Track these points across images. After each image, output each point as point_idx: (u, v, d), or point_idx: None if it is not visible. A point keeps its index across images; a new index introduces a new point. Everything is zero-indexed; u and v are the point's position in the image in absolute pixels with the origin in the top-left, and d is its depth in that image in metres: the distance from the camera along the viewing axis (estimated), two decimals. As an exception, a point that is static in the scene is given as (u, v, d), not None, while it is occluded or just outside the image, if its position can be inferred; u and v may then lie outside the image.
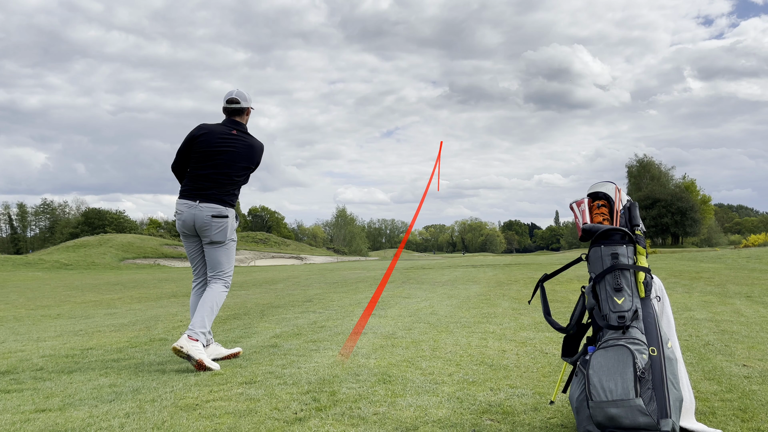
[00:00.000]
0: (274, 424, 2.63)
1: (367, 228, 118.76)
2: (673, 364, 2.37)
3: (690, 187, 68.53)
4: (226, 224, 4.14)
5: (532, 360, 3.87)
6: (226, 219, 4.13)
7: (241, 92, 4.28)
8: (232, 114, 4.27)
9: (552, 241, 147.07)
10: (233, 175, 4.16)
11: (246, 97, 4.30)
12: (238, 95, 4.26)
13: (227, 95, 4.27)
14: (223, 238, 4.14)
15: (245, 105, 4.28)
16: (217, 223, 4.11)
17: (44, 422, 2.72)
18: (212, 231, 4.10)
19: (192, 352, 3.74)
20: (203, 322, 3.93)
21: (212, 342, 4.14)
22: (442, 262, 23.33)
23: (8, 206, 75.50)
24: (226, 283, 4.21)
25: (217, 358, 4.09)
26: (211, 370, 3.73)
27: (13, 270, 27.14)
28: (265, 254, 49.32)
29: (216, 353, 4.11)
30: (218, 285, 4.14)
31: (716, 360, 3.76)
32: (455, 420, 2.65)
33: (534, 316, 5.90)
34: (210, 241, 4.14)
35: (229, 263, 4.24)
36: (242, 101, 4.27)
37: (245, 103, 4.28)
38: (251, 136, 4.30)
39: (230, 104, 4.25)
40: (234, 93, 4.26)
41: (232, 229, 4.20)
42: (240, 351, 4.25)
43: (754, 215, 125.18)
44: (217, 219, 4.11)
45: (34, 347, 4.90)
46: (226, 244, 4.18)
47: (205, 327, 3.92)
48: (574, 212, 2.74)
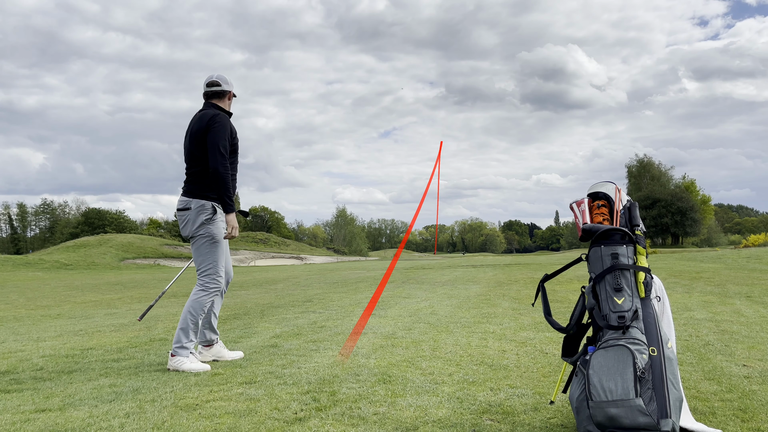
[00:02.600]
0: (274, 424, 2.63)
1: (367, 228, 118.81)
2: (673, 364, 2.37)
3: (690, 187, 68.56)
4: (187, 217, 3.91)
5: (532, 360, 3.87)
6: (188, 211, 3.91)
7: (221, 75, 4.10)
8: (210, 97, 4.09)
9: (552, 241, 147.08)
10: (194, 152, 3.92)
11: (226, 80, 4.11)
12: (218, 78, 4.08)
13: (207, 79, 4.10)
14: (188, 232, 3.93)
15: (225, 88, 4.09)
16: (180, 217, 3.95)
17: (44, 422, 2.72)
18: (180, 227, 3.99)
19: (179, 367, 3.77)
20: (179, 337, 3.83)
21: (216, 341, 4.10)
22: (442, 262, 23.33)
23: (8, 206, 75.54)
24: (202, 284, 3.93)
25: (218, 359, 4.07)
26: (209, 370, 3.75)
27: (13, 270, 27.14)
28: (265, 254, 49.31)
29: (218, 355, 4.09)
30: (195, 288, 3.95)
31: (716, 360, 3.76)
32: (455, 420, 2.65)
33: (534, 316, 5.90)
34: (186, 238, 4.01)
35: (204, 261, 3.92)
36: (222, 84, 4.08)
37: (225, 86, 4.09)
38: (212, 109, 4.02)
39: (209, 87, 4.08)
40: (214, 76, 4.09)
41: (196, 223, 3.89)
42: (241, 355, 4.19)
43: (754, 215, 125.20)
44: (180, 212, 3.95)
45: (34, 347, 4.90)
46: (195, 240, 3.92)
47: (180, 342, 3.81)
48: (574, 212, 2.74)
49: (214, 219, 3.90)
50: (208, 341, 4.09)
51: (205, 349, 4.10)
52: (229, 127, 3.99)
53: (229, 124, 4.01)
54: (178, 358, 3.80)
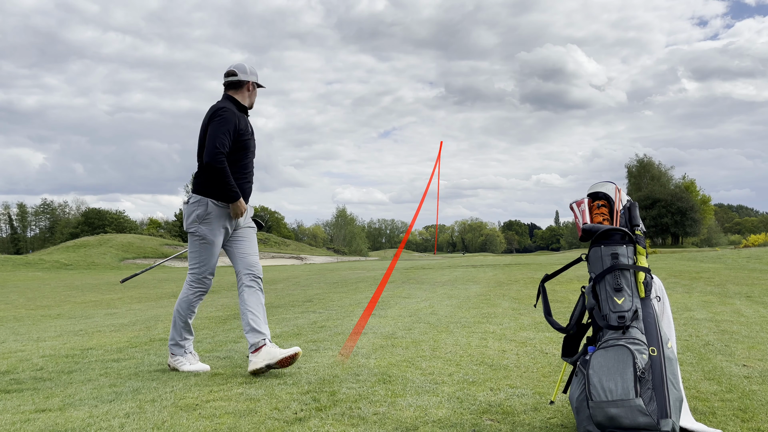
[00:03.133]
0: (274, 424, 2.63)
1: (367, 228, 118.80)
2: (673, 364, 2.37)
3: (690, 187, 68.55)
4: (185, 211, 3.79)
5: (532, 360, 3.86)
6: (186, 205, 3.78)
7: (240, 64, 3.81)
8: (227, 88, 3.83)
9: (552, 241, 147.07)
10: (201, 146, 3.74)
11: (246, 69, 3.80)
12: (236, 67, 3.80)
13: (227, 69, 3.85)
14: (185, 227, 3.78)
15: (243, 78, 3.80)
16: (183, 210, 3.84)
17: (44, 422, 2.72)
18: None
19: (179, 367, 3.75)
20: (172, 335, 3.80)
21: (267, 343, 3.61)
22: (442, 262, 23.32)
23: (8, 206, 75.55)
24: (188, 281, 3.80)
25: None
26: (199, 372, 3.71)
27: (13, 270, 27.14)
28: (265, 254, 49.32)
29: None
30: (184, 285, 3.84)
31: (716, 360, 3.76)
32: (455, 420, 2.65)
33: (534, 316, 5.90)
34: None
35: (192, 259, 3.78)
36: (240, 73, 3.79)
37: (243, 76, 3.79)
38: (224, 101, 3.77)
39: (225, 77, 3.83)
40: (232, 65, 3.82)
41: (189, 218, 3.73)
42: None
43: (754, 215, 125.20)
44: (183, 206, 3.84)
45: (34, 347, 4.89)
46: (189, 236, 3.79)
47: (174, 339, 3.78)
48: (574, 212, 2.74)
49: (207, 218, 3.68)
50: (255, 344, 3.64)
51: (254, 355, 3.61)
52: (235, 122, 3.67)
53: (236, 118, 3.70)
54: (176, 357, 3.78)
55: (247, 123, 3.85)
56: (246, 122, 3.83)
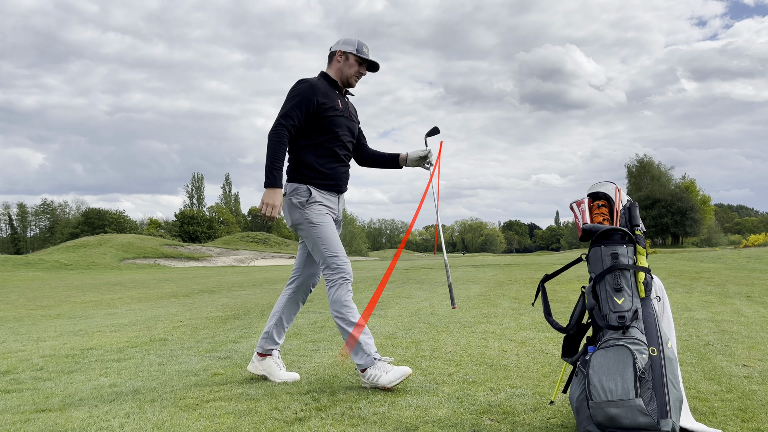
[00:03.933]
0: (274, 424, 2.63)
1: (367, 228, 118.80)
2: (673, 364, 2.37)
3: (690, 187, 68.58)
4: (284, 204, 3.39)
5: (532, 360, 3.86)
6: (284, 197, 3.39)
7: (343, 38, 3.50)
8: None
9: (552, 241, 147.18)
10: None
11: (341, 40, 3.48)
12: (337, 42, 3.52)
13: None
14: (289, 223, 3.42)
15: (332, 49, 3.50)
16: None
17: (44, 422, 2.72)
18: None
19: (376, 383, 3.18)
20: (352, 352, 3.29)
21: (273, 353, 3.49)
22: (442, 262, 23.31)
23: (8, 206, 75.61)
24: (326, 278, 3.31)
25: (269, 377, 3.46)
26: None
27: (13, 270, 27.14)
28: (265, 254, 49.32)
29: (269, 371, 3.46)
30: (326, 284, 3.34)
31: (716, 360, 3.76)
32: (455, 420, 2.65)
33: (534, 316, 5.90)
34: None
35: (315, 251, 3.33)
36: (334, 46, 3.50)
37: (334, 47, 3.50)
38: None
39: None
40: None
41: (292, 208, 3.35)
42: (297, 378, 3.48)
43: (754, 215, 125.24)
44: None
45: (34, 347, 4.89)
46: (299, 230, 3.38)
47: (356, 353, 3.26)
48: (574, 212, 2.74)
49: (309, 202, 3.31)
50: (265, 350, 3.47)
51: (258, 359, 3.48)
52: (309, 95, 3.28)
53: (313, 92, 3.30)
54: (368, 371, 3.19)
55: (338, 100, 3.43)
56: (335, 98, 3.40)
